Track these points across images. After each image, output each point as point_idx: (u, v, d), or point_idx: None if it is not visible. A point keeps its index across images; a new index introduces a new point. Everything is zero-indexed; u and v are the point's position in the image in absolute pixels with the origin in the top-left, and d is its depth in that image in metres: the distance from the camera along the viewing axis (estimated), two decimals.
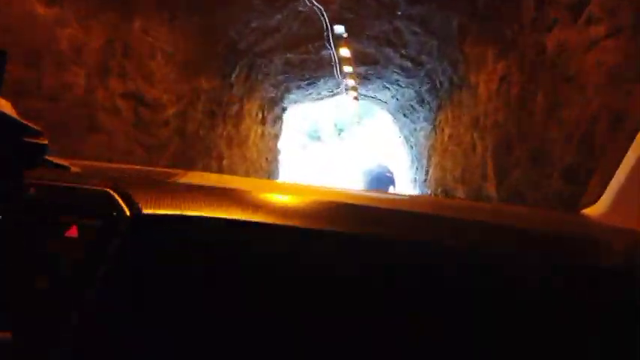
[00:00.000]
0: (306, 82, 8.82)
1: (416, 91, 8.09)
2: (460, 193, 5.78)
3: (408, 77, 7.80)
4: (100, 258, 0.63)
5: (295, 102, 9.99)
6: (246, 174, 7.47)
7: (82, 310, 0.61)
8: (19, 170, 0.65)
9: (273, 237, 0.66)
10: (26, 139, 0.67)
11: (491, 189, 4.42)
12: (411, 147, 9.97)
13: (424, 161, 8.54)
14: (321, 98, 10.52)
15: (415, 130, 9.30)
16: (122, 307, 0.63)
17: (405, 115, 9.71)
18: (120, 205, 0.67)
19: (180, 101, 4.93)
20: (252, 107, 7.55)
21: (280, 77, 7.93)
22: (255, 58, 6.52)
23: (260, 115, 8.09)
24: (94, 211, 0.67)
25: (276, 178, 9.67)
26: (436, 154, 7.55)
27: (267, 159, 8.95)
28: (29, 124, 0.66)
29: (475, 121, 5.08)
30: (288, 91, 8.89)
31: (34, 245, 0.64)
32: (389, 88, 9.07)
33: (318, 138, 19.62)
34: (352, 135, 19.27)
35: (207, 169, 5.74)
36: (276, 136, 9.70)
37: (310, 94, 9.72)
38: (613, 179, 0.85)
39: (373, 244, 0.65)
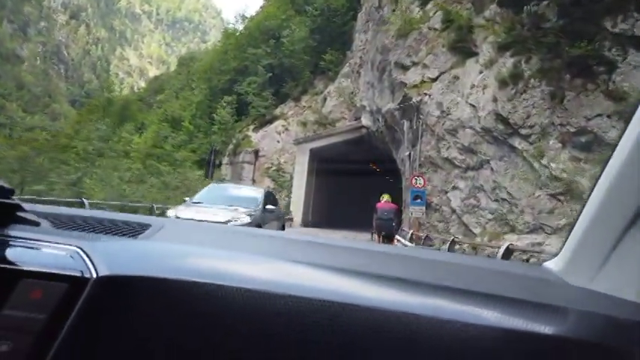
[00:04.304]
0: None
1: None
2: None
3: None
4: (64, 320, 0.60)
5: None
6: None
7: None
8: None
9: (233, 298, 0.63)
10: None
11: None
12: None
13: None
14: None
15: None
16: None
17: None
18: (87, 264, 0.65)
19: None
20: None
21: None
22: None
23: None
24: (61, 270, 0.64)
25: None
26: None
27: None
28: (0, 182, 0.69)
29: None
30: None
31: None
32: None
33: None
34: None
35: None
36: None
37: None
38: (572, 233, 0.85)
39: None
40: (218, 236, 1.01)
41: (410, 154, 12.38)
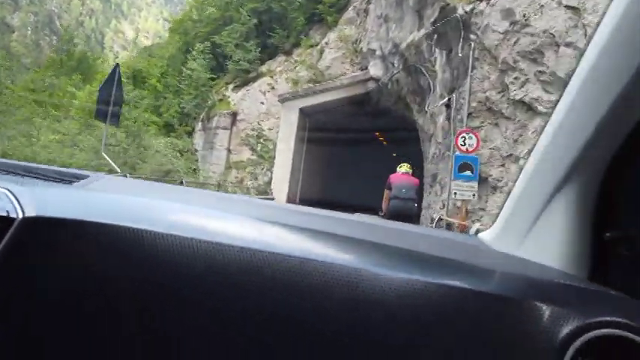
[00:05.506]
0: None
1: None
2: None
3: None
4: None
5: None
6: None
7: None
8: None
9: (157, 244, 0.62)
10: None
11: None
12: None
13: None
14: None
15: None
16: (7, 311, 0.59)
17: None
18: (14, 205, 0.63)
19: None
20: None
21: None
22: None
23: None
24: None
25: None
26: None
27: None
28: None
29: None
30: None
31: None
32: None
33: None
34: None
35: None
36: None
37: None
38: (504, 205, 0.89)
39: None
40: (158, 189, 1.00)
41: (450, 101, 7.75)
